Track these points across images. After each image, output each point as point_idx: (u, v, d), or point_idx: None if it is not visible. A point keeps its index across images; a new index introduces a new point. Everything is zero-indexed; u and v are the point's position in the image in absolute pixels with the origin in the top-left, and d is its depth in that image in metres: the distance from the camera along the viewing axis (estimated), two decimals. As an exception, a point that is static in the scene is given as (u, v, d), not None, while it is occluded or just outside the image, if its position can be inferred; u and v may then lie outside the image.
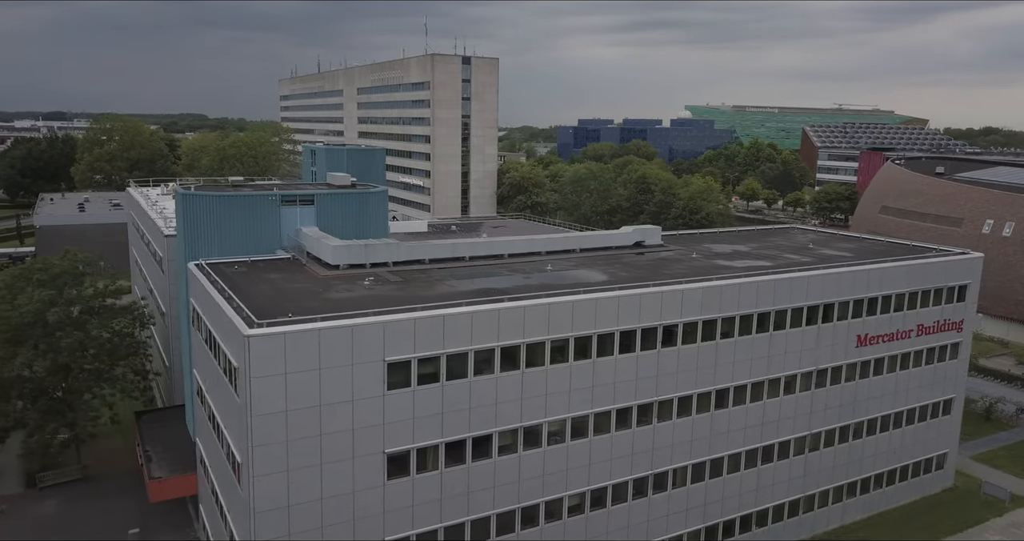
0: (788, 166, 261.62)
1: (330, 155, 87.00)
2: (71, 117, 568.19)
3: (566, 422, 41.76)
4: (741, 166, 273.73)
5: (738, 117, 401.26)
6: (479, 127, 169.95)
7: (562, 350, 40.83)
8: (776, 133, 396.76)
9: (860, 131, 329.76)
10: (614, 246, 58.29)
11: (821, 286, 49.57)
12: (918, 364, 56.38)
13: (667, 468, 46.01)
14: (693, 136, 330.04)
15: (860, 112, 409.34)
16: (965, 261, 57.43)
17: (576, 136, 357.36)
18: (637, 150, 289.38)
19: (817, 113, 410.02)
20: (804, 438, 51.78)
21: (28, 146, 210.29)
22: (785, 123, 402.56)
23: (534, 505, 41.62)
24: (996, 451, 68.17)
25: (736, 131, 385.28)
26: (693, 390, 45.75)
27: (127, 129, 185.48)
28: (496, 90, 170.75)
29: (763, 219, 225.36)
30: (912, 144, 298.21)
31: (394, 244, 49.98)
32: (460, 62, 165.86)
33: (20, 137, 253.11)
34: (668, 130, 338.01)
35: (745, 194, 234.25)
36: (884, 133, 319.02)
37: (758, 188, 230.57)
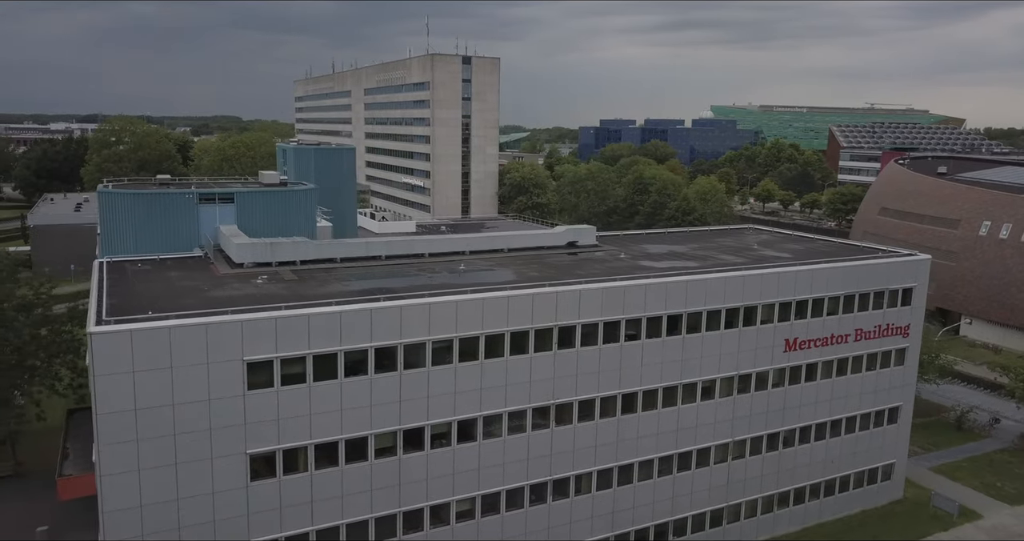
0: (810, 167, 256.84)
1: (298, 154, 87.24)
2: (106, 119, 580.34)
3: (452, 425, 40.73)
4: (762, 167, 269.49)
5: (765, 117, 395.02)
6: (480, 127, 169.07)
7: (447, 351, 39.81)
8: (804, 133, 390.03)
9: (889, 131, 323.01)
10: (546, 246, 57.14)
11: (740, 288, 47.86)
12: (858, 370, 54.23)
13: (568, 474, 44.67)
14: (715, 136, 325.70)
15: (892, 112, 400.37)
16: (909, 263, 55.11)
17: (597, 137, 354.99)
18: (655, 150, 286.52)
19: (847, 113, 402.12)
20: (726, 445, 50.05)
21: (44, 147, 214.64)
22: (814, 123, 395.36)
23: (418, 509, 40.65)
24: (960, 462, 65.47)
25: (763, 131, 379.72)
26: (595, 394, 44.41)
27: (136, 130, 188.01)
28: (497, 90, 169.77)
29: (778, 221, 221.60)
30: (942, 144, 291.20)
31: (303, 242, 49.42)
32: (460, 62, 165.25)
33: (38, 138, 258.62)
34: (689, 130, 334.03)
35: (761, 195, 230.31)
36: (914, 133, 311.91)
37: (774, 189, 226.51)
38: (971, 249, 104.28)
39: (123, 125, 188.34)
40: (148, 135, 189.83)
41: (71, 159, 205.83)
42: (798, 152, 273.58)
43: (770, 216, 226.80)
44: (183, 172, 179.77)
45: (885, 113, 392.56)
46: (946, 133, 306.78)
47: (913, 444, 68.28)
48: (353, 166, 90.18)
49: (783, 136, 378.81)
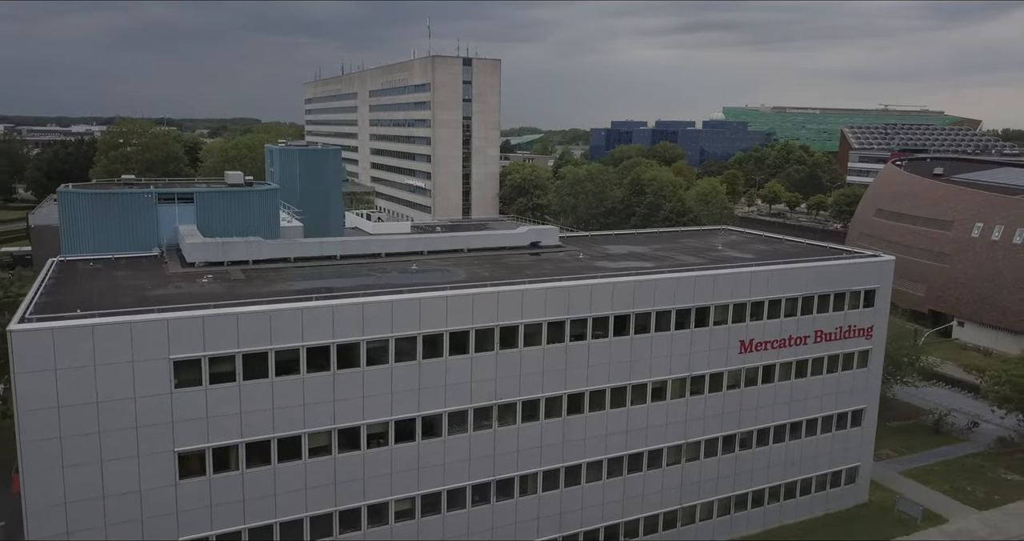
0: (819, 168, 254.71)
1: (283, 155, 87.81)
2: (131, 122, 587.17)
3: (389, 424, 40.76)
4: (771, 168, 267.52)
5: (778, 119, 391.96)
6: (481, 129, 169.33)
7: (383, 351, 39.85)
8: (818, 135, 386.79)
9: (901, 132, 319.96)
10: (507, 246, 57.08)
11: (691, 289, 47.53)
12: (818, 372, 53.67)
13: (512, 474, 44.56)
14: (725, 138, 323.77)
15: (907, 113, 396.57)
16: (871, 264, 54.45)
17: (608, 138, 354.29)
18: (663, 152, 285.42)
19: (861, 114, 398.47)
20: (679, 447, 49.71)
21: (55, 149, 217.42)
22: (827, 125, 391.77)
23: (354, 509, 40.69)
24: (932, 466, 64.60)
25: (775, 133, 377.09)
26: (540, 394, 44.27)
27: (143, 132, 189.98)
28: (498, 91, 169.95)
29: (784, 223, 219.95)
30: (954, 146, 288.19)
31: (255, 242, 49.66)
32: (461, 63, 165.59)
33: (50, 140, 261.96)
34: (699, 132, 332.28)
35: (767, 197, 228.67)
36: (927, 135, 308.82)
37: (781, 191, 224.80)
38: (963, 251, 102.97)
39: (131, 127, 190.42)
40: (155, 137, 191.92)
41: (81, 160, 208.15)
42: (808, 154, 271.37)
43: (776, 218, 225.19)
44: (189, 173, 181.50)
45: (899, 115, 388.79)
46: (959, 134, 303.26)
47: (887, 447, 67.72)
48: (339, 166, 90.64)
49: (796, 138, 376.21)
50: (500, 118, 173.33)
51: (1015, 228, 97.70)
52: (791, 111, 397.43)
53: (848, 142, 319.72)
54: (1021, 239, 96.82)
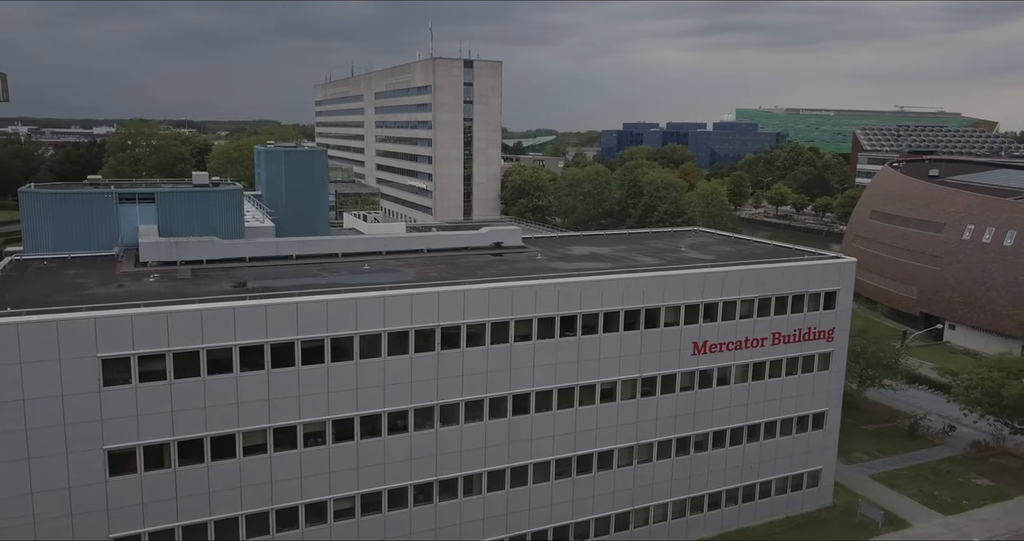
0: (829, 170, 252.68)
1: (268, 156, 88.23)
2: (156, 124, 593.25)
3: (327, 424, 40.96)
4: (780, 170, 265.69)
5: (791, 120, 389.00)
6: (482, 130, 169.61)
7: (318, 351, 40.06)
8: (832, 136, 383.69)
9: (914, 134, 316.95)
10: (469, 247, 57.18)
11: (640, 290, 47.36)
12: (777, 375, 53.28)
13: (456, 474, 44.60)
14: (735, 139, 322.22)
15: (923, 115, 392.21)
16: (831, 266, 54.01)
17: (620, 140, 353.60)
18: (672, 153, 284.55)
19: (876, 116, 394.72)
20: (631, 448, 49.53)
21: (67, 150, 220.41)
22: (841, 126, 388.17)
23: (292, 507, 40.92)
24: (902, 470, 63.88)
25: (788, 134, 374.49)
26: (483, 394, 44.29)
27: (151, 134, 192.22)
28: (500, 93, 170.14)
29: (789, 225, 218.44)
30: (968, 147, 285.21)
31: (209, 241, 50.11)
32: (462, 65, 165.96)
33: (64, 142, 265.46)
34: (710, 133, 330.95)
35: (773, 199, 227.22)
36: (940, 136, 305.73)
37: (787, 192, 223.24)
38: (955, 253, 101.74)
39: (138, 129, 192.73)
40: (163, 139, 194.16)
41: (93, 162, 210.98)
42: (817, 155, 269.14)
43: (782, 220, 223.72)
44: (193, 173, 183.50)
45: (915, 116, 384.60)
46: (973, 136, 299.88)
47: (860, 450, 67.15)
48: (325, 167, 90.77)
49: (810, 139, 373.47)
50: (502, 120, 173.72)
51: (1006, 230, 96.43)
52: (804, 112, 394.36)
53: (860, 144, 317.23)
54: (1012, 241, 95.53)
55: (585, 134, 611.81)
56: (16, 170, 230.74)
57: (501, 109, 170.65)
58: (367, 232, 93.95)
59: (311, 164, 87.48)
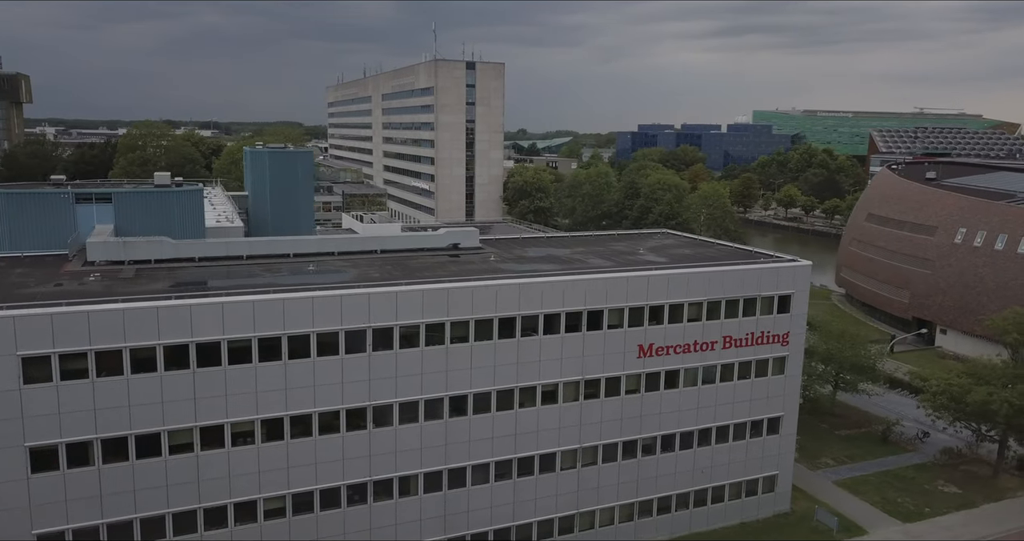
0: (842, 172, 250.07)
1: (253, 157, 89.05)
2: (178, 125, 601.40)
3: (255, 423, 41.19)
4: (793, 172, 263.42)
5: (808, 122, 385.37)
6: (484, 131, 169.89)
7: (245, 351, 40.30)
8: (850, 138, 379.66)
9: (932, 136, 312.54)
10: (424, 248, 57.26)
11: (582, 292, 47.12)
12: (729, 379, 52.77)
13: (391, 475, 44.64)
14: (749, 141, 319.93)
15: (943, 116, 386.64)
16: (785, 269, 53.31)
17: (634, 141, 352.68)
18: (683, 155, 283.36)
19: (895, 118, 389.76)
20: (574, 451, 49.27)
21: (82, 151, 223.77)
22: (859, 128, 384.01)
23: (220, 506, 41.17)
24: (868, 476, 62.96)
25: (805, 136, 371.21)
26: (418, 396, 44.29)
27: (161, 135, 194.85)
28: (502, 95, 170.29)
29: (798, 227, 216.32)
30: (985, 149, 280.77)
31: (158, 241, 50.56)
32: (464, 67, 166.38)
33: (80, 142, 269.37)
34: (724, 135, 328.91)
35: (783, 201, 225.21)
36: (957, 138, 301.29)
37: (796, 195, 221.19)
38: (946, 257, 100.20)
39: (148, 130, 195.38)
40: (174, 139, 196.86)
41: (106, 162, 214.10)
42: (831, 157, 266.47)
43: (791, 222, 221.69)
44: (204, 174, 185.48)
45: (935, 118, 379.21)
46: (993, 138, 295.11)
47: (828, 456, 66.39)
48: (310, 169, 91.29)
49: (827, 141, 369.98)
50: (504, 121, 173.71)
51: (997, 234, 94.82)
52: (822, 114, 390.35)
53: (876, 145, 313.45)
54: (1003, 245, 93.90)
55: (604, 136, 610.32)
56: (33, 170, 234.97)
57: (503, 111, 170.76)
58: (362, 232, 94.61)
59: (295, 165, 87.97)
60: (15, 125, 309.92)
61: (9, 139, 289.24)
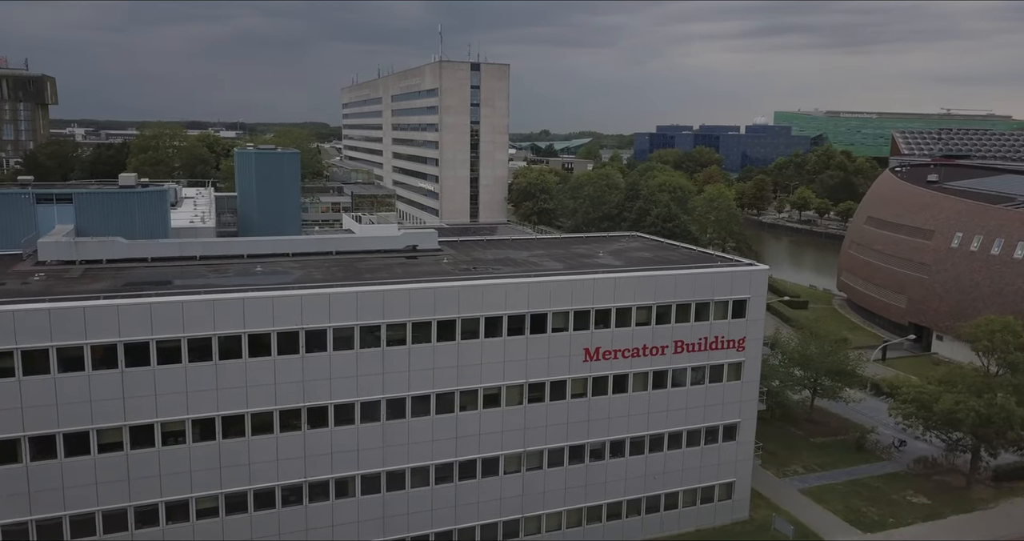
0: (861, 174, 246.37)
1: (241, 158, 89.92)
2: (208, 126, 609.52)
3: (186, 423, 41.39)
4: (810, 173, 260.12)
5: (831, 123, 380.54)
6: (489, 133, 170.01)
7: (175, 351, 40.48)
8: (874, 140, 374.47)
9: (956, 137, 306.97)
10: (381, 250, 57.30)
11: (524, 296, 46.80)
12: (681, 384, 52.13)
13: (327, 477, 44.65)
14: (767, 142, 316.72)
15: (971, 117, 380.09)
16: (739, 274, 52.52)
17: (652, 143, 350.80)
18: (699, 157, 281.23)
19: (921, 119, 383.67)
20: (519, 455, 48.95)
21: (99, 151, 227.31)
22: (884, 129, 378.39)
23: (151, 504, 41.38)
24: (836, 485, 61.85)
25: (827, 137, 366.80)
26: (354, 398, 44.26)
27: (173, 135, 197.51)
28: (507, 96, 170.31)
29: (811, 230, 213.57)
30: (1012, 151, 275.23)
31: (110, 241, 51.09)
32: (468, 68, 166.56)
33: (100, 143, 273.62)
34: (741, 137, 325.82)
35: (797, 203, 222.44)
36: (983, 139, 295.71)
37: (811, 197, 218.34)
38: (943, 261, 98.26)
39: (160, 130, 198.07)
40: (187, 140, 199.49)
41: (121, 162, 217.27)
42: (849, 159, 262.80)
43: (804, 225, 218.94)
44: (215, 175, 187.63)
45: (962, 119, 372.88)
46: (1019, 139, 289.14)
47: (798, 464, 65.43)
48: (296, 170, 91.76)
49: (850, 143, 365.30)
50: (509, 122, 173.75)
51: (994, 238, 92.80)
52: (845, 115, 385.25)
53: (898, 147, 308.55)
54: (999, 250, 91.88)
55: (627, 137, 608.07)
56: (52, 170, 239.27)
57: (508, 112, 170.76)
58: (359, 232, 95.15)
59: (281, 166, 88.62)
60: (40, 126, 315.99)
61: (35, 139, 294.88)
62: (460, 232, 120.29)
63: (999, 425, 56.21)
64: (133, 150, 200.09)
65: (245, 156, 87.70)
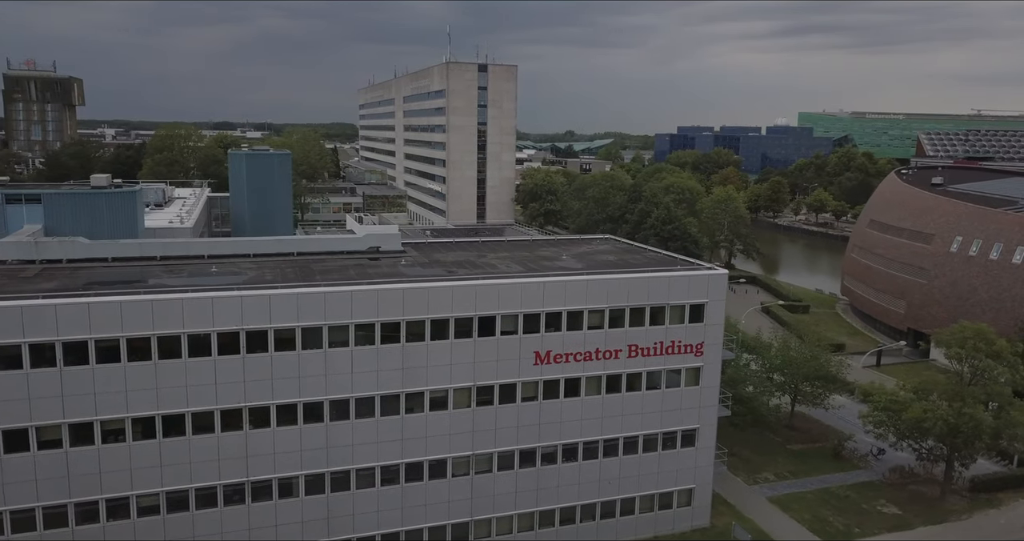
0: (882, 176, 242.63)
1: (233, 159, 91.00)
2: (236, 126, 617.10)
3: (126, 421, 41.82)
4: (830, 175, 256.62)
5: (856, 124, 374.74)
6: (496, 134, 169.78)
7: (114, 350, 40.92)
8: (901, 141, 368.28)
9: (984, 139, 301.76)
10: (343, 251, 57.50)
11: (472, 298, 46.66)
12: (636, 388, 51.64)
13: (269, 476, 44.86)
14: (788, 144, 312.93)
15: (1001, 118, 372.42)
16: (697, 278, 51.89)
17: (672, 144, 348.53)
18: (717, 158, 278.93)
19: (950, 120, 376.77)
20: (467, 458, 48.81)
21: (118, 151, 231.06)
22: (911, 131, 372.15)
23: (92, 501, 41.88)
24: (806, 493, 60.89)
25: (853, 139, 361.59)
26: (296, 399, 44.42)
27: (188, 136, 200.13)
28: (514, 97, 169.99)
29: (826, 233, 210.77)
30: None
31: (70, 241, 51.75)
32: (476, 70, 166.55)
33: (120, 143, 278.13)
34: (761, 138, 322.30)
35: (813, 205, 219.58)
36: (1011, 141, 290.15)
37: (827, 199, 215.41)
38: (941, 266, 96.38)
39: (174, 131, 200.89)
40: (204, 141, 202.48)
41: (139, 162, 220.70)
42: (871, 161, 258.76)
43: (820, 227, 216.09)
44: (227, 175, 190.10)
45: (993, 120, 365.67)
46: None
47: (769, 471, 64.61)
48: (288, 170, 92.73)
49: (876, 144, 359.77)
50: (516, 123, 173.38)
51: (993, 243, 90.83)
52: (871, 116, 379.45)
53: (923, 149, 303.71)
54: (998, 255, 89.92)
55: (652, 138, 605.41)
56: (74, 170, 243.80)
57: (515, 113, 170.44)
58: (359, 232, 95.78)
59: (272, 167, 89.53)
60: (67, 126, 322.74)
61: (62, 140, 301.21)
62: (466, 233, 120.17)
63: (967, 435, 54.94)
64: (149, 150, 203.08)
65: (236, 157, 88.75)
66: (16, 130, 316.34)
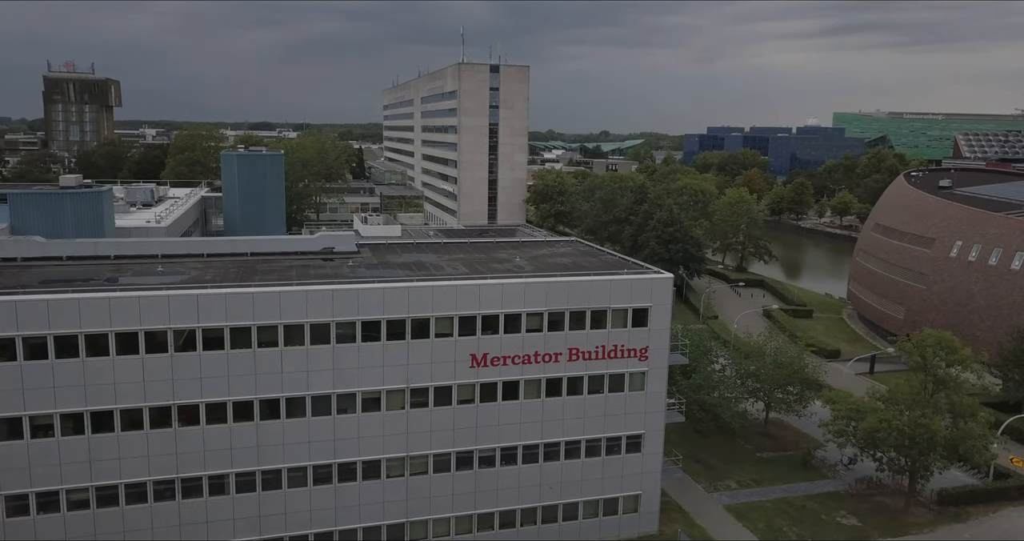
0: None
1: (225, 160, 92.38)
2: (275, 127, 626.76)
3: (55, 417, 42.71)
4: (859, 177, 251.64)
5: (893, 125, 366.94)
6: (507, 135, 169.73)
7: (41, 347, 41.82)
8: (939, 142, 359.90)
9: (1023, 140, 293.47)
10: (296, 251, 58.03)
11: (404, 300, 46.73)
12: (577, 392, 51.21)
13: (200, 474, 45.44)
14: (819, 145, 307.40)
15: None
16: (640, 281, 51.26)
17: (701, 144, 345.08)
18: (743, 159, 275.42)
19: (992, 120, 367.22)
20: (402, 460, 48.88)
21: (144, 151, 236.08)
22: (950, 131, 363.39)
23: (22, 495, 42.86)
24: (765, 502, 59.79)
25: (889, 140, 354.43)
26: (226, 397, 44.94)
27: (209, 136, 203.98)
28: (526, 98, 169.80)
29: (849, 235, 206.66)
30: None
31: (25, 240, 53.05)
32: (488, 70, 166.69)
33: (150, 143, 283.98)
34: (791, 138, 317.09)
35: (838, 207, 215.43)
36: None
37: (851, 201, 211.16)
38: (940, 271, 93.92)
39: (196, 131, 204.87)
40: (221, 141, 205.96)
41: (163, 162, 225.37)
42: (902, 162, 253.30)
43: (843, 230, 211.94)
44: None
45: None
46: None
47: (732, 478, 63.64)
48: (280, 171, 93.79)
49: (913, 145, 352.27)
50: (528, 124, 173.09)
51: (992, 248, 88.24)
52: (908, 116, 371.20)
53: (960, 150, 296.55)
54: (997, 260, 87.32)
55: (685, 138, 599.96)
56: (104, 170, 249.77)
57: (527, 114, 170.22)
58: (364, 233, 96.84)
59: (263, 168, 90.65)
60: (104, 127, 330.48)
61: (98, 140, 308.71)
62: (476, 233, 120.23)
63: (922, 446, 53.43)
64: (171, 151, 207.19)
65: (228, 158, 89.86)
66: (55, 131, 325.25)
